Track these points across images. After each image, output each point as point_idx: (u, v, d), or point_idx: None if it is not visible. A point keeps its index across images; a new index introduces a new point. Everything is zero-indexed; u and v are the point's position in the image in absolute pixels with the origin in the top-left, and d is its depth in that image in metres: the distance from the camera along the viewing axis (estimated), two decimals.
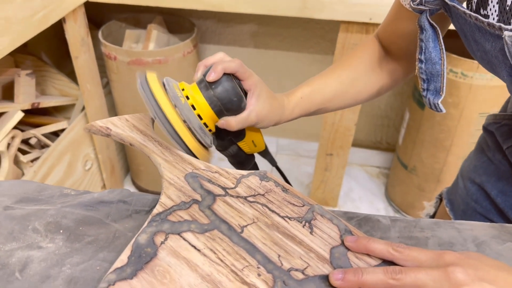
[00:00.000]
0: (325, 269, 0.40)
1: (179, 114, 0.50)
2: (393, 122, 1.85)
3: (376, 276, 0.38)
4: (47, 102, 1.37)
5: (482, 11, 0.42)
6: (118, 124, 0.55)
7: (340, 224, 0.45)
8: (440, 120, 1.41)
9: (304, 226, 0.44)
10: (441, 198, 0.81)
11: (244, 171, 0.51)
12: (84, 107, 1.46)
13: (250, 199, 0.47)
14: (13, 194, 0.48)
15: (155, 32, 1.49)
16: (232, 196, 0.47)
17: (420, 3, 0.47)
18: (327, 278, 0.39)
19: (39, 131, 1.33)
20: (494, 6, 0.40)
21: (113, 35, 1.57)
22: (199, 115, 0.52)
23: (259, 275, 0.39)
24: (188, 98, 0.52)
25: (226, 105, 0.51)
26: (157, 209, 0.44)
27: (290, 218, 0.45)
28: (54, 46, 1.65)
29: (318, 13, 1.23)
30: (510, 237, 0.46)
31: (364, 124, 1.88)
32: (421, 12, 0.48)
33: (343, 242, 0.43)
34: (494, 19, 0.41)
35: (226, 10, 1.25)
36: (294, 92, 0.60)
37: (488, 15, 0.41)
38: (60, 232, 0.44)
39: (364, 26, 1.25)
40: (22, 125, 1.39)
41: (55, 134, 1.45)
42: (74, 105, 1.50)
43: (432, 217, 0.83)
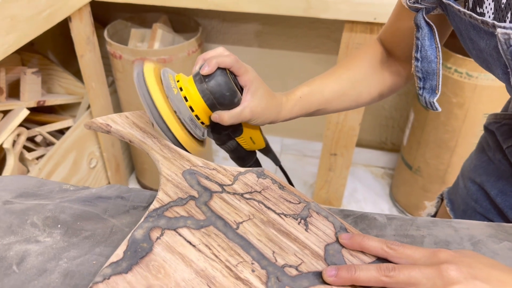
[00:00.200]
0: (319, 265, 0.40)
1: (170, 104, 0.51)
2: (398, 123, 1.85)
3: (369, 273, 0.38)
4: (52, 100, 1.39)
5: (478, 9, 0.42)
6: (118, 121, 0.56)
7: (335, 221, 0.45)
8: (444, 121, 1.40)
9: (299, 223, 0.45)
10: (442, 198, 0.81)
11: (241, 168, 0.51)
12: (89, 106, 1.47)
13: (247, 196, 0.47)
14: (13, 189, 0.49)
15: (160, 31, 1.49)
16: (228, 193, 0.47)
17: (416, 1, 0.47)
18: (320, 274, 0.39)
19: (45, 129, 1.34)
20: (489, 4, 0.40)
21: (118, 34, 1.58)
22: (191, 107, 0.52)
23: (253, 271, 0.40)
24: (181, 90, 0.52)
25: (218, 99, 0.51)
26: (154, 205, 0.45)
27: (285, 215, 0.45)
28: (60, 45, 1.66)
29: (322, 12, 1.23)
30: (506, 236, 0.46)
31: (368, 125, 1.88)
32: (417, 10, 0.48)
33: (338, 239, 0.43)
34: (489, 17, 0.41)
35: (230, 9, 1.26)
36: (293, 92, 0.60)
37: (484, 13, 0.41)
38: (58, 226, 0.45)
39: (369, 26, 1.25)
40: (28, 122, 1.40)
41: (61, 132, 1.46)
42: (80, 103, 1.51)
43: (433, 217, 0.83)
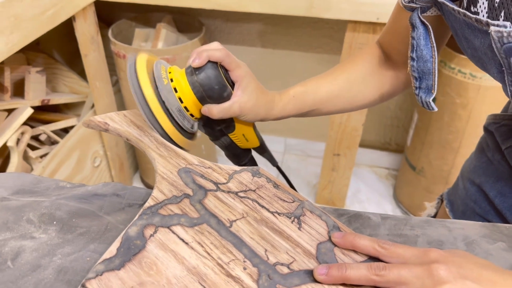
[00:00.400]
0: (310, 264, 0.41)
1: (160, 94, 0.51)
2: (402, 123, 1.84)
3: (359, 272, 0.38)
4: (57, 99, 1.40)
5: (472, 8, 0.42)
6: (116, 120, 0.56)
7: (328, 220, 0.45)
8: (448, 121, 1.39)
9: (292, 221, 0.45)
10: (442, 199, 0.80)
11: (237, 167, 0.51)
12: (93, 105, 1.48)
13: (241, 194, 0.48)
14: (10, 186, 0.50)
15: (164, 31, 1.50)
16: (223, 191, 0.48)
17: (411, 1, 0.47)
18: (312, 273, 0.39)
19: (49, 128, 1.35)
20: (483, 3, 0.40)
21: (123, 34, 1.59)
22: (180, 98, 0.52)
23: (245, 268, 0.40)
24: (172, 81, 0.52)
25: (207, 92, 0.52)
26: (148, 202, 0.45)
27: (279, 214, 0.45)
28: (66, 44, 1.67)
29: (324, 12, 1.23)
30: (501, 236, 0.46)
31: (373, 125, 1.87)
32: (412, 9, 0.48)
33: (330, 238, 0.43)
34: (483, 16, 0.41)
35: (232, 9, 1.26)
36: (287, 90, 0.60)
37: (478, 12, 0.41)
38: (53, 223, 0.45)
39: (372, 26, 1.24)
40: (32, 121, 1.41)
41: (65, 131, 1.47)
42: (84, 102, 1.52)
43: (433, 218, 0.83)
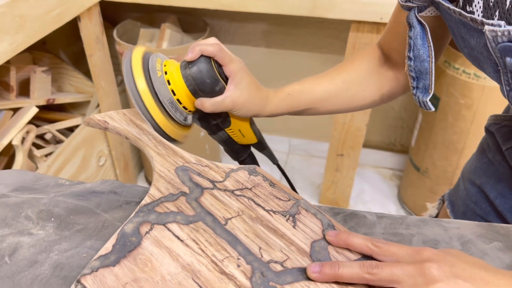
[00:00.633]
0: (304, 262, 0.41)
1: (153, 85, 0.52)
2: (407, 124, 1.83)
3: (352, 270, 0.38)
4: (62, 99, 1.41)
5: (468, 7, 0.42)
6: (116, 118, 0.57)
7: (323, 219, 0.45)
8: (452, 122, 1.39)
9: (287, 220, 0.45)
10: (443, 199, 0.80)
11: (234, 166, 0.52)
12: (98, 104, 1.49)
13: (237, 192, 0.48)
14: (10, 183, 0.50)
15: (169, 31, 1.51)
16: (219, 189, 0.48)
17: (408, 0, 0.47)
18: (305, 270, 0.40)
19: (54, 127, 1.36)
20: (478, 3, 0.40)
21: (128, 34, 1.60)
22: (173, 91, 0.53)
23: (239, 266, 0.40)
24: (166, 74, 0.53)
25: (199, 85, 0.52)
26: (145, 200, 0.46)
27: (274, 212, 0.46)
28: (72, 44, 1.69)
29: (328, 12, 1.23)
30: (497, 236, 0.45)
31: (377, 126, 1.87)
32: (409, 9, 0.48)
33: (325, 237, 0.43)
34: (479, 15, 0.41)
35: (236, 9, 1.26)
36: (283, 88, 0.60)
37: (473, 11, 0.41)
38: (51, 220, 0.46)
39: (375, 26, 1.24)
40: (38, 120, 1.43)
41: (70, 130, 1.48)
42: (89, 102, 1.53)
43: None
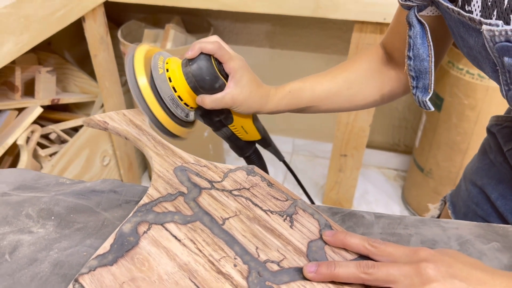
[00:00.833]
0: (300, 261, 0.41)
1: (154, 82, 0.53)
2: (411, 124, 1.83)
3: (348, 270, 0.38)
4: (66, 99, 1.42)
5: (466, 7, 0.42)
6: (115, 119, 0.57)
7: (320, 218, 0.45)
8: (456, 123, 1.38)
9: (285, 220, 0.45)
10: (445, 200, 0.80)
11: (232, 166, 0.52)
12: (103, 104, 1.50)
13: (235, 192, 0.48)
14: (11, 181, 0.51)
15: (173, 32, 1.51)
16: (217, 189, 0.48)
17: None
18: (301, 270, 0.40)
19: (58, 127, 1.37)
20: (477, 2, 0.40)
21: (132, 34, 1.61)
22: (174, 88, 0.54)
23: (235, 265, 0.40)
24: (168, 71, 0.54)
25: (199, 82, 0.53)
26: (143, 200, 0.46)
27: (272, 212, 0.46)
28: (77, 45, 1.70)
29: (331, 13, 1.23)
30: (495, 237, 0.45)
31: (381, 126, 1.86)
32: (409, 8, 0.48)
33: (322, 236, 0.43)
34: (477, 14, 0.40)
35: (239, 10, 1.27)
36: (284, 86, 0.60)
37: (472, 10, 0.41)
38: (51, 218, 0.46)
39: (378, 26, 1.24)
40: (43, 120, 1.44)
41: (75, 130, 1.49)
42: (94, 102, 1.54)
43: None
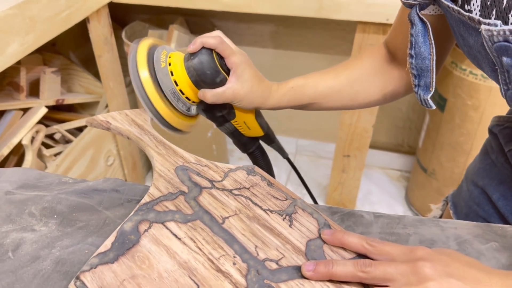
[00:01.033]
0: (299, 260, 0.41)
1: (156, 76, 0.54)
2: (415, 125, 1.82)
3: (346, 268, 0.38)
4: (71, 99, 1.43)
5: (466, 6, 0.42)
6: (118, 119, 0.58)
7: (319, 218, 0.46)
8: (460, 123, 1.38)
9: (284, 219, 0.45)
10: (447, 201, 0.80)
11: (232, 166, 0.52)
12: (107, 105, 1.51)
13: (235, 192, 0.49)
14: (15, 180, 0.52)
15: (176, 33, 1.52)
16: (218, 188, 0.49)
17: None
18: (300, 269, 0.40)
19: (63, 127, 1.38)
20: (476, 1, 0.40)
21: (136, 35, 1.62)
22: (175, 82, 0.55)
23: (234, 264, 0.41)
24: (170, 65, 0.55)
25: (200, 76, 0.54)
26: (145, 199, 0.47)
27: (271, 211, 0.46)
28: (81, 45, 1.71)
29: (334, 13, 1.23)
30: (494, 236, 0.45)
31: (385, 127, 1.86)
32: (411, 6, 0.48)
33: (320, 235, 0.44)
34: (476, 14, 0.41)
35: (242, 11, 1.27)
36: (287, 82, 0.60)
37: (471, 10, 0.41)
38: (54, 216, 0.47)
39: (381, 27, 1.24)
40: (48, 120, 1.45)
41: (80, 130, 1.50)
42: (98, 102, 1.55)
43: None
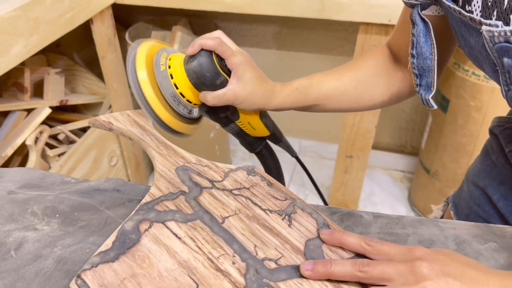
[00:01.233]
0: (298, 260, 0.42)
1: (156, 79, 0.53)
2: (417, 126, 1.82)
3: (344, 268, 0.39)
4: (75, 100, 1.44)
5: (467, 7, 0.42)
6: (120, 119, 0.58)
7: (319, 218, 0.46)
8: (462, 124, 1.38)
9: (283, 219, 0.46)
10: (448, 201, 0.80)
11: (233, 166, 0.53)
12: (111, 105, 1.52)
13: (235, 192, 0.49)
14: (18, 180, 0.52)
15: (180, 34, 1.53)
16: (218, 188, 0.49)
17: None
18: (298, 268, 0.41)
19: (67, 127, 1.39)
20: (477, 2, 0.41)
21: (139, 36, 1.62)
22: (175, 85, 0.54)
23: (234, 263, 0.41)
24: (170, 68, 0.54)
25: (200, 78, 0.53)
26: (145, 199, 0.47)
27: (271, 211, 0.47)
28: (85, 46, 1.72)
29: (336, 14, 1.24)
30: (493, 237, 0.46)
31: (388, 127, 1.86)
32: (412, 6, 0.48)
33: (319, 235, 0.44)
34: (477, 15, 0.41)
35: (245, 12, 1.28)
36: (291, 82, 0.59)
37: (472, 10, 0.41)
38: (56, 216, 0.47)
39: (384, 28, 1.24)
40: (51, 121, 1.46)
41: (83, 131, 1.51)
42: (102, 103, 1.56)
43: None
